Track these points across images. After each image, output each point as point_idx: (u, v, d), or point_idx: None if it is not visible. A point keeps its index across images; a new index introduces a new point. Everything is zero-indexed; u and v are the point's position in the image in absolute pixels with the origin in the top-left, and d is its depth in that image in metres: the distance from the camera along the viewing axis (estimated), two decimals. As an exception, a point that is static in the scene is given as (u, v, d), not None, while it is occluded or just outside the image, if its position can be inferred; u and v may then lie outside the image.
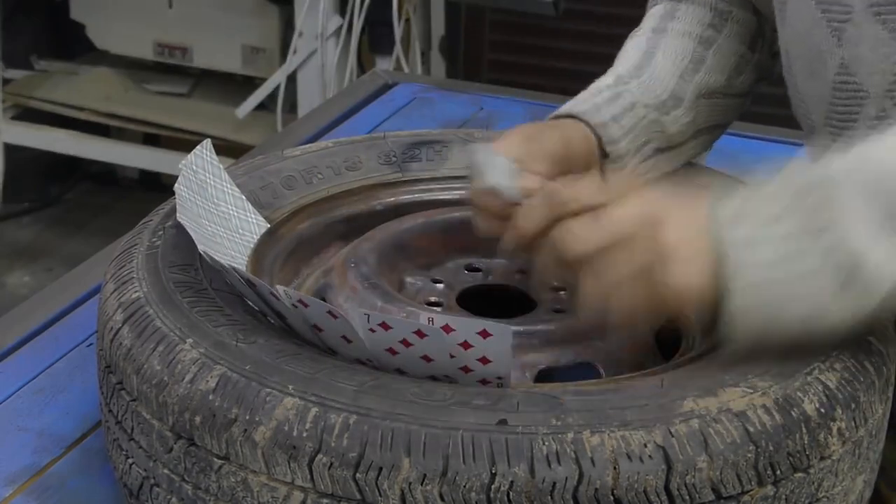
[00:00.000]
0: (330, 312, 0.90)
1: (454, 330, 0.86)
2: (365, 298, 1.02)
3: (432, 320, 0.86)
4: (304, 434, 0.84)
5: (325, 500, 0.84)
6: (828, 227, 0.87)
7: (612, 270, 0.91)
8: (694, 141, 1.26)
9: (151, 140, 3.58)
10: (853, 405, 0.91)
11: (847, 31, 1.03)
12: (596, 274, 0.92)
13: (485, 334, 0.86)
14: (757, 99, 1.30)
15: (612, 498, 0.82)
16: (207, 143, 1.14)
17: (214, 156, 1.14)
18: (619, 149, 1.18)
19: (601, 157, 1.18)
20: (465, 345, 0.87)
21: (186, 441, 0.89)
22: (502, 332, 0.86)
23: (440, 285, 1.11)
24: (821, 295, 0.88)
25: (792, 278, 0.88)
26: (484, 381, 0.90)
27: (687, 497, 0.83)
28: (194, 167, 1.11)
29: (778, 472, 0.86)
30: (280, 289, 0.90)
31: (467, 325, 0.87)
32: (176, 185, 1.07)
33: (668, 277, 0.90)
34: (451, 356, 0.88)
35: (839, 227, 0.87)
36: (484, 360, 0.88)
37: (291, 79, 3.19)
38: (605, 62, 1.29)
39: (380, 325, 0.87)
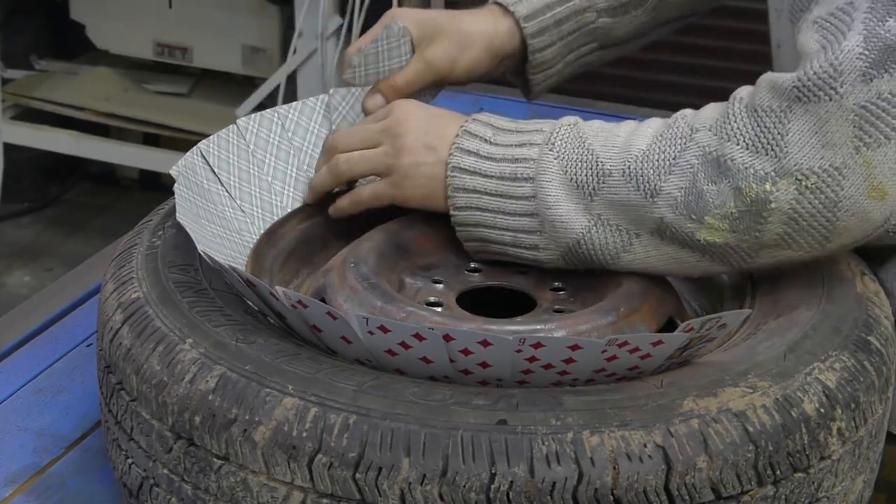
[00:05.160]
0: (329, 313, 0.90)
1: (454, 339, 0.86)
2: (364, 298, 1.02)
3: (433, 329, 0.86)
4: (304, 434, 0.84)
5: (324, 500, 0.84)
6: (531, 178, 1.04)
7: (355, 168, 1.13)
8: (648, 36, 1.34)
9: (151, 140, 3.58)
10: (853, 405, 0.91)
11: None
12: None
13: (485, 344, 0.86)
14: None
15: (611, 498, 0.82)
16: (202, 145, 1.15)
17: (210, 157, 1.15)
18: (545, 55, 1.27)
19: (522, 58, 1.28)
20: (466, 351, 0.87)
21: (186, 441, 0.89)
22: (503, 342, 0.86)
23: (440, 285, 1.11)
24: (519, 231, 1.05)
25: (495, 211, 1.05)
26: (484, 382, 0.90)
27: (687, 497, 0.83)
28: (189, 170, 1.11)
29: (778, 472, 0.86)
30: (279, 290, 0.90)
31: (468, 336, 0.87)
32: (175, 185, 1.07)
33: (399, 190, 1.11)
34: (451, 360, 0.88)
35: (539, 181, 1.03)
36: (484, 365, 0.88)
37: (291, 79, 3.18)
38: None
39: (378, 327, 0.87)
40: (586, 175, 1.02)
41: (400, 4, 3.06)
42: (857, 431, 0.92)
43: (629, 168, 1.00)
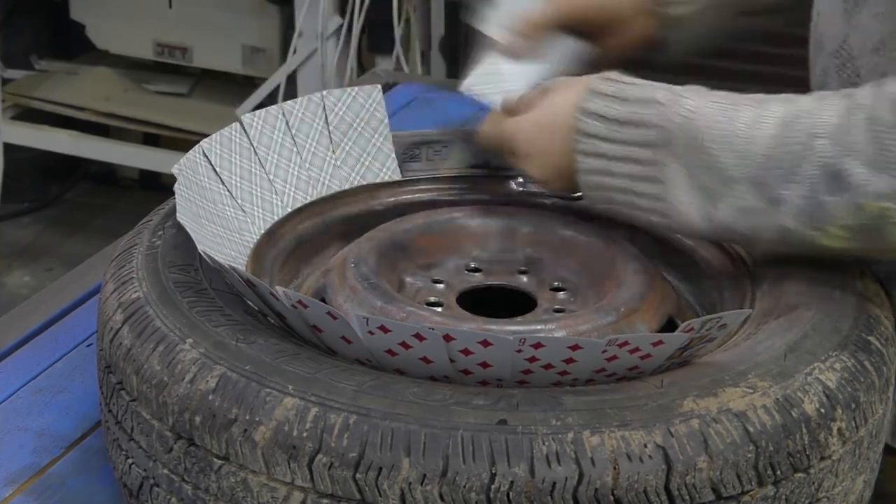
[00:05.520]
0: (329, 313, 0.90)
1: (454, 339, 0.86)
2: (364, 298, 1.02)
3: (433, 329, 0.86)
4: (304, 434, 0.84)
5: (324, 501, 0.84)
6: (656, 162, 1.02)
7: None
8: (793, 11, 1.30)
9: (151, 140, 3.58)
10: (853, 405, 0.91)
11: None
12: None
13: (486, 344, 0.86)
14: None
15: (612, 498, 0.82)
16: (204, 143, 1.15)
17: (212, 156, 1.15)
18: (683, 10, 1.26)
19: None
20: (466, 351, 0.87)
21: (186, 441, 0.89)
22: (503, 342, 0.86)
23: (440, 285, 1.11)
24: (645, 209, 1.04)
25: (623, 187, 1.04)
26: (484, 382, 0.90)
27: (687, 497, 0.83)
28: (190, 169, 1.11)
29: (778, 473, 0.86)
30: (279, 290, 0.90)
31: (468, 336, 0.87)
32: (175, 185, 1.07)
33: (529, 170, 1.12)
34: (451, 360, 0.88)
35: (665, 170, 1.02)
36: (484, 365, 0.88)
37: (291, 79, 3.19)
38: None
39: (378, 327, 0.87)
40: (711, 181, 1.01)
41: (400, 6, 3.06)
42: (858, 431, 0.92)
43: (752, 175, 0.99)
